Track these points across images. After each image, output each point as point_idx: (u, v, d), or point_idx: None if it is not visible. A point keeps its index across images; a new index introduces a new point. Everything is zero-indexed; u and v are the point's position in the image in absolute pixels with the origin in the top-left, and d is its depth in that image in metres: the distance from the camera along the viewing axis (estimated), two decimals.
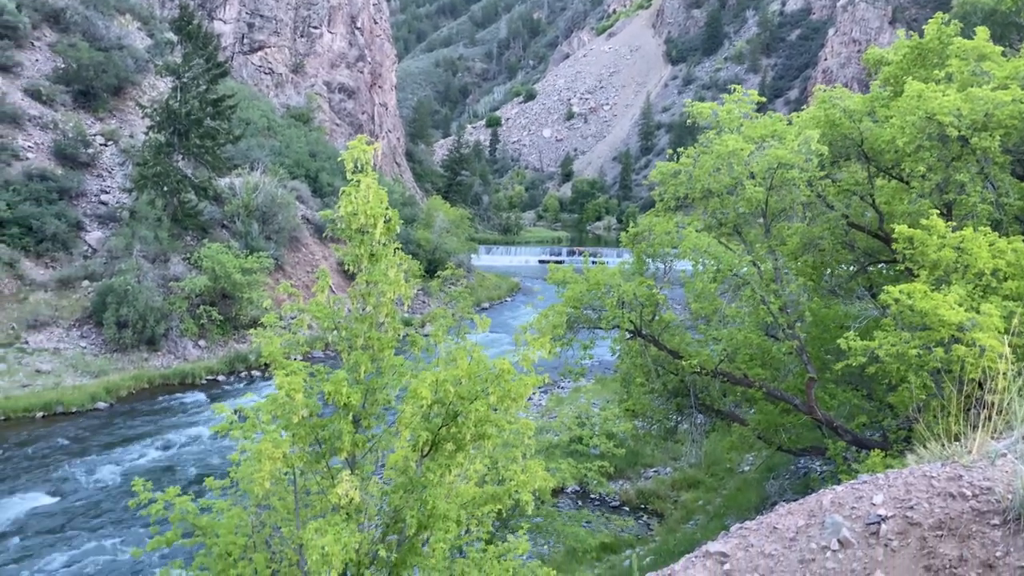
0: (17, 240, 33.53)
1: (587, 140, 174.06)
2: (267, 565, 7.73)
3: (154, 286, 33.34)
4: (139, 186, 36.24)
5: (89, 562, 15.71)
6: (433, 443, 7.20)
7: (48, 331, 31.54)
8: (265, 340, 7.39)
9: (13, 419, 25.20)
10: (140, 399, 28.52)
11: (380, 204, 6.96)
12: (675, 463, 20.52)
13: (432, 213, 57.04)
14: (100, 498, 19.14)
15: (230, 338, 35.03)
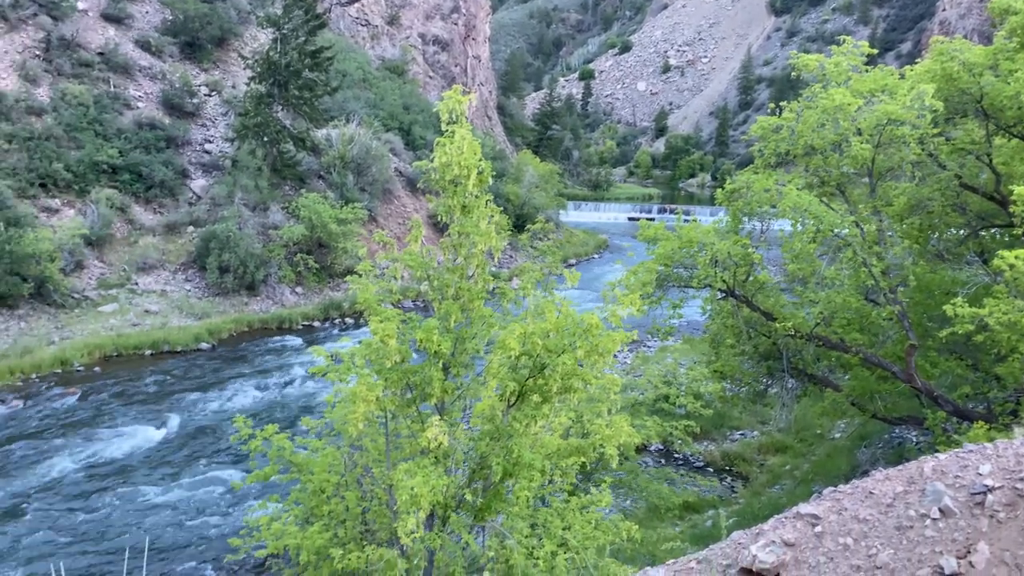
0: (128, 186, 35.28)
1: (683, 94, 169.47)
2: (358, 503, 8.05)
3: (254, 233, 34.61)
4: (240, 136, 37.47)
5: (193, 492, 16.72)
6: (520, 394, 7.28)
7: (156, 274, 33.24)
8: (361, 287, 7.59)
9: (124, 356, 26.84)
10: (240, 341, 29.85)
11: (474, 155, 6.98)
12: (763, 427, 20.18)
13: (522, 167, 56.90)
14: (203, 432, 20.27)
15: (325, 286, 36.14)
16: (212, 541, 14.53)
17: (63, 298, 28.96)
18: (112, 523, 15.36)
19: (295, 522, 8.31)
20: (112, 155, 34.97)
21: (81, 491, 16.76)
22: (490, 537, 7.42)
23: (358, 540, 7.90)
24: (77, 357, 25.65)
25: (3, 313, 27.04)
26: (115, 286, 31.39)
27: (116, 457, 18.55)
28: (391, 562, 6.78)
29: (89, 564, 13.67)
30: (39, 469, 17.65)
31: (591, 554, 7.06)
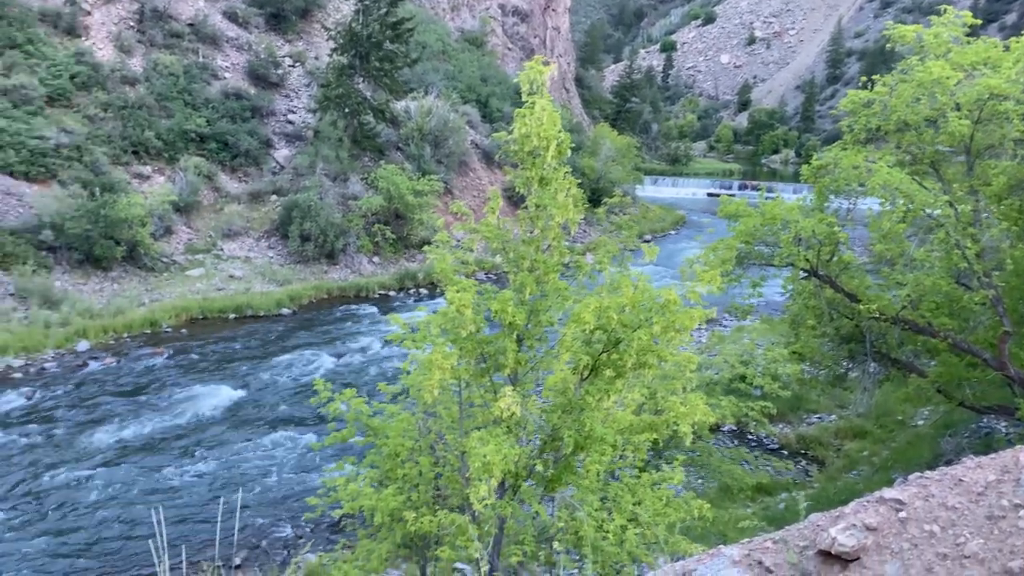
0: (215, 155, 36.42)
1: (768, 67, 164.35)
2: (431, 468, 8.21)
3: (334, 203, 35.34)
4: (322, 107, 38.17)
5: (274, 451, 17.35)
6: (593, 368, 7.26)
7: (240, 240, 34.33)
8: (438, 257, 7.68)
9: (210, 319, 27.90)
10: (319, 308, 30.65)
11: (553, 126, 6.93)
12: (841, 411, 19.65)
13: (598, 141, 56.29)
14: (284, 394, 20.96)
15: (401, 256, 36.70)
16: (291, 499, 15.06)
17: (153, 262, 30.22)
18: (198, 477, 16.08)
19: (370, 484, 8.54)
20: (200, 124, 36.13)
21: (169, 445, 17.58)
22: (560, 508, 7.47)
23: (430, 504, 8.07)
24: (165, 319, 26.80)
25: (98, 275, 28.40)
26: (202, 251, 32.57)
27: (201, 415, 19.38)
28: (462, 527, 6.90)
29: (177, 514, 14.36)
30: (130, 423, 18.59)
31: (661, 530, 7.04)
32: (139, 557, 13.17)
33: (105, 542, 13.69)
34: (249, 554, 13.30)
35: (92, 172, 30.50)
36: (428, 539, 8.30)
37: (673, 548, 7.00)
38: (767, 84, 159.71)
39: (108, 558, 13.23)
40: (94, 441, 17.55)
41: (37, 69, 32.81)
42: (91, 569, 12.93)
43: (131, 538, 13.80)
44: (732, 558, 4.01)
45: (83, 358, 23.13)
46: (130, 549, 13.48)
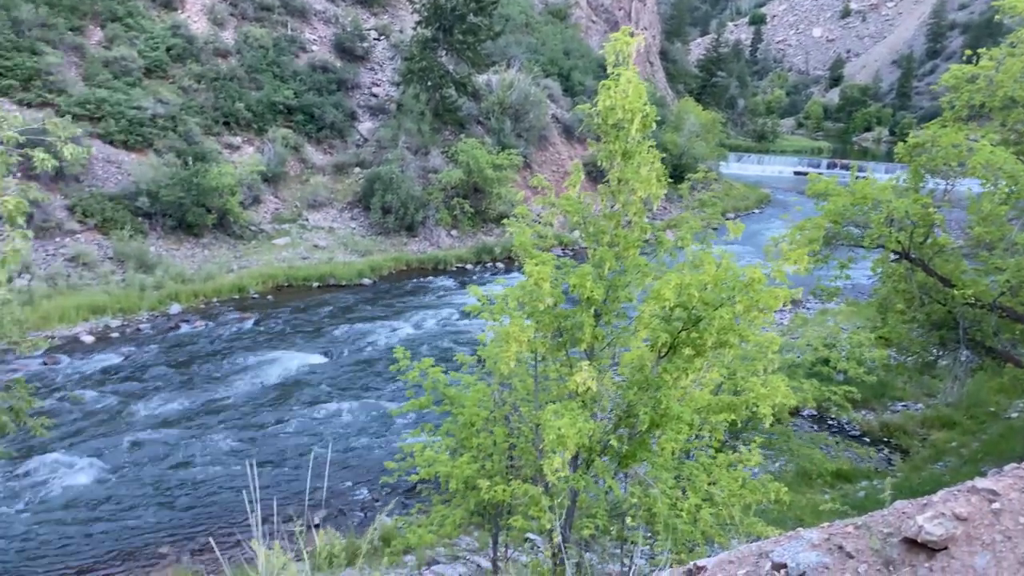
0: (301, 127, 37.27)
1: (863, 41, 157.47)
2: (505, 439, 8.30)
3: (415, 176, 35.77)
4: (406, 80, 38.53)
5: (353, 416, 17.84)
6: (672, 346, 7.18)
7: (324, 211, 35.13)
8: (517, 231, 7.69)
9: (294, 287, 28.75)
10: (398, 279, 31.19)
11: (639, 99, 6.82)
12: (929, 400, 18.91)
13: (682, 116, 55.18)
14: (364, 361, 21.48)
15: (479, 230, 36.94)
16: (368, 463, 15.48)
17: (241, 230, 31.26)
18: (281, 437, 16.68)
19: (445, 451, 8.70)
20: (288, 96, 36.99)
21: (254, 407, 18.28)
22: (633, 484, 7.45)
23: (504, 474, 8.16)
24: (252, 285, 27.75)
25: (190, 241, 29.57)
26: (288, 221, 33.49)
27: (285, 379, 20.06)
28: (535, 498, 6.97)
29: (260, 472, 14.94)
30: (218, 385, 19.39)
31: (736, 511, 6.95)
32: (224, 510, 13.80)
33: (195, 494, 14.38)
34: (327, 514, 13.76)
35: (185, 142, 31.67)
36: (501, 508, 8.42)
37: (748, 529, 6.92)
38: (861, 59, 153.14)
39: (199, 509, 13.90)
40: (184, 400, 18.40)
41: (136, 42, 34.13)
42: (184, 518, 13.61)
43: (218, 492, 14.45)
44: (811, 541, 3.94)
45: (175, 320, 24.19)
46: (217, 502, 14.13)
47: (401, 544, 8.83)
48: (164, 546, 12.83)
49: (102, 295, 24.14)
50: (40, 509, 13.57)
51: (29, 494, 13.93)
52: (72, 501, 13.89)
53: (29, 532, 12.88)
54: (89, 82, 31.32)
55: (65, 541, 12.77)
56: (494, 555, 9.13)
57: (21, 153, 6.30)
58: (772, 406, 7.02)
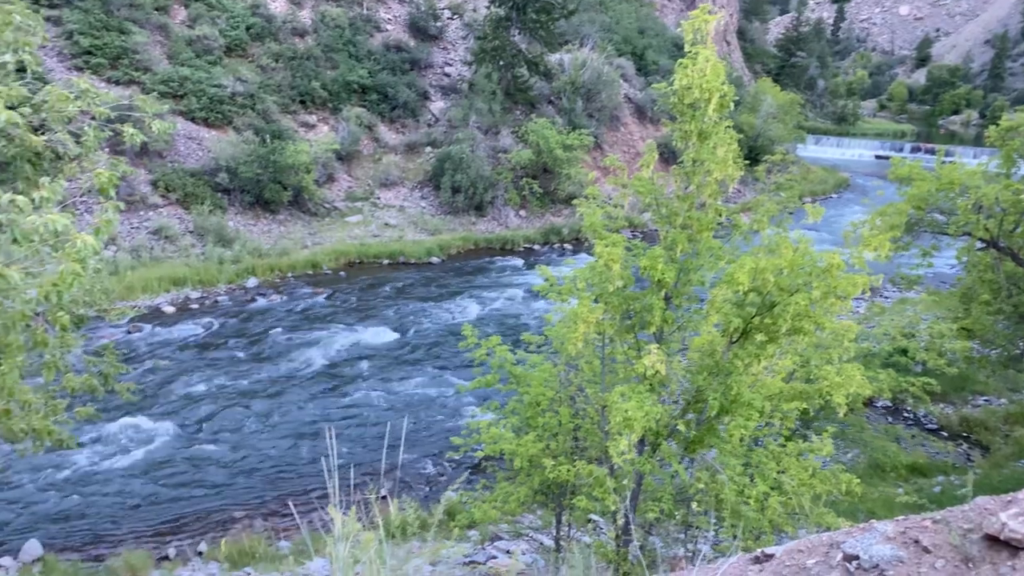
0: (375, 106, 37.70)
1: (954, 19, 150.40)
2: (571, 419, 8.31)
3: (485, 156, 35.84)
4: (478, 59, 38.54)
5: (420, 391, 18.12)
6: (744, 331, 7.06)
7: (396, 190, 35.56)
8: (587, 211, 7.64)
9: (365, 263, 29.25)
10: (466, 258, 31.41)
11: (716, 78, 6.67)
12: (1013, 395, 18.13)
13: (759, 96, 53.77)
14: (432, 338, 21.77)
15: (547, 210, 36.85)
16: (434, 438, 15.72)
17: (316, 207, 31.91)
18: (350, 409, 17.07)
19: (511, 430, 8.77)
20: (362, 75, 37.44)
21: (325, 380, 18.74)
22: (700, 469, 7.38)
23: (568, 454, 8.19)
24: (325, 261, 28.35)
25: (266, 217, 30.34)
26: (360, 199, 34.04)
27: (356, 353, 20.49)
28: (600, 479, 6.97)
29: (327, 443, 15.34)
30: (292, 357, 19.93)
31: (806, 500, 6.82)
32: (295, 477, 14.23)
33: (267, 462, 14.86)
34: (392, 486, 14.05)
35: (263, 119, 32.42)
36: (565, 488, 8.45)
37: (818, 520, 6.78)
38: (951, 38, 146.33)
39: (271, 476, 14.37)
40: (259, 370, 18.98)
41: (218, 21, 35.01)
42: (256, 484, 14.09)
43: (290, 460, 14.90)
44: (885, 534, 3.83)
45: (251, 294, 24.92)
46: (288, 470, 14.58)
47: (466, 519, 8.95)
48: (238, 510, 13.31)
49: (183, 267, 25.03)
50: (121, 471, 14.22)
51: (112, 456, 14.62)
52: (151, 464, 14.52)
53: (110, 492, 13.53)
54: (173, 60, 32.31)
55: (143, 501, 13.37)
56: (557, 534, 9.19)
57: (112, 128, 6.56)
58: (846, 395, 6.85)
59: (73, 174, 5.84)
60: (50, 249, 3.93)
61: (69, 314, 5.14)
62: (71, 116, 6.27)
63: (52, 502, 13.08)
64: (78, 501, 13.18)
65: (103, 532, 12.51)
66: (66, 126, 6.42)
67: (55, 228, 3.80)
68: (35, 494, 13.25)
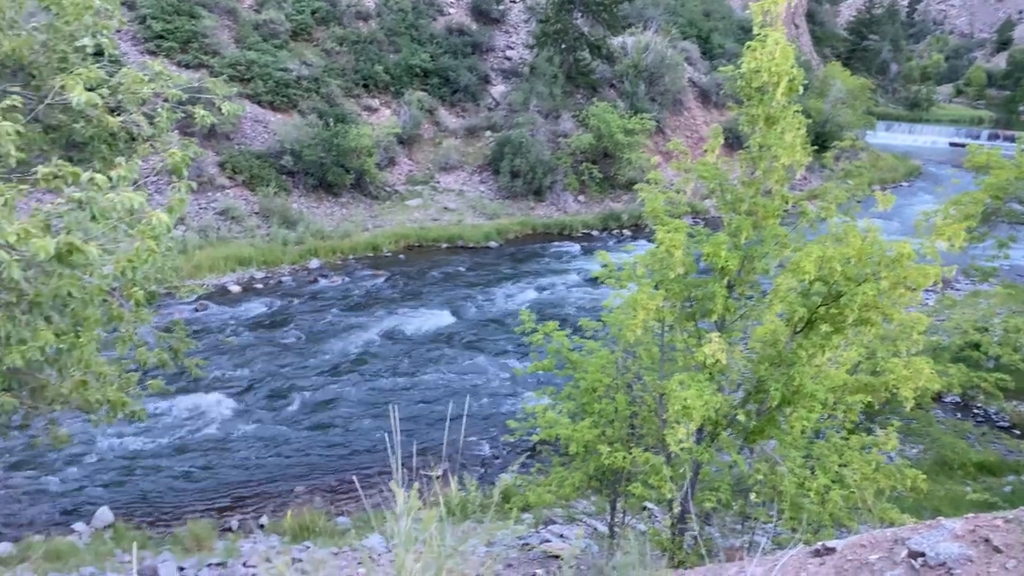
0: (436, 90, 37.86)
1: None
2: (627, 406, 8.26)
3: (544, 140, 35.71)
4: (540, 43, 38.34)
5: (476, 374, 18.26)
6: (808, 321, 6.91)
7: (455, 174, 35.73)
8: (649, 196, 7.55)
9: (424, 247, 29.52)
10: (524, 243, 31.42)
11: (786, 61, 6.51)
12: None
13: (828, 81, 52.27)
14: (489, 322, 21.89)
15: (606, 196, 36.57)
16: (489, 420, 15.83)
17: (377, 190, 32.29)
18: (407, 390, 17.30)
19: (567, 415, 8.76)
20: (424, 59, 37.62)
21: (383, 360, 19.03)
22: (759, 460, 7.27)
23: (624, 441, 8.15)
24: (386, 244, 28.70)
25: (329, 200, 30.83)
26: (420, 183, 34.31)
27: (413, 335, 20.74)
28: (656, 467, 6.92)
29: (386, 423, 15.58)
30: (352, 337, 20.28)
31: (869, 495, 6.66)
32: (355, 455, 14.51)
33: (327, 439, 15.19)
34: (450, 467, 14.21)
35: (327, 103, 32.87)
36: (620, 474, 8.42)
37: (881, 515, 6.63)
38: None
39: (331, 453, 14.69)
40: (320, 349, 19.37)
41: (284, 5, 35.56)
42: (316, 461, 14.42)
43: (350, 438, 15.20)
44: (954, 532, 3.73)
45: (314, 275, 25.40)
46: (348, 448, 14.88)
47: (520, 501, 9.00)
48: (298, 485, 13.64)
49: (248, 248, 25.63)
50: (187, 444, 14.70)
51: (179, 429, 15.12)
52: (216, 438, 14.98)
53: (176, 464, 14.00)
54: (240, 44, 32.97)
55: (207, 474, 13.81)
56: (611, 520, 9.17)
57: (183, 110, 6.73)
58: (914, 389, 6.65)
59: (146, 154, 6.02)
60: (126, 227, 4.06)
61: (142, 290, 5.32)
62: (145, 98, 6.46)
63: (122, 472, 13.61)
64: (146, 472, 13.68)
65: (169, 502, 12.97)
66: (140, 107, 6.60)
67: (131, 206, 3.93)
68: (106, 464, 13.80)
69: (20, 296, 4.20)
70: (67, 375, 5.54)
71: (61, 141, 7.23)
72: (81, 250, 3.76)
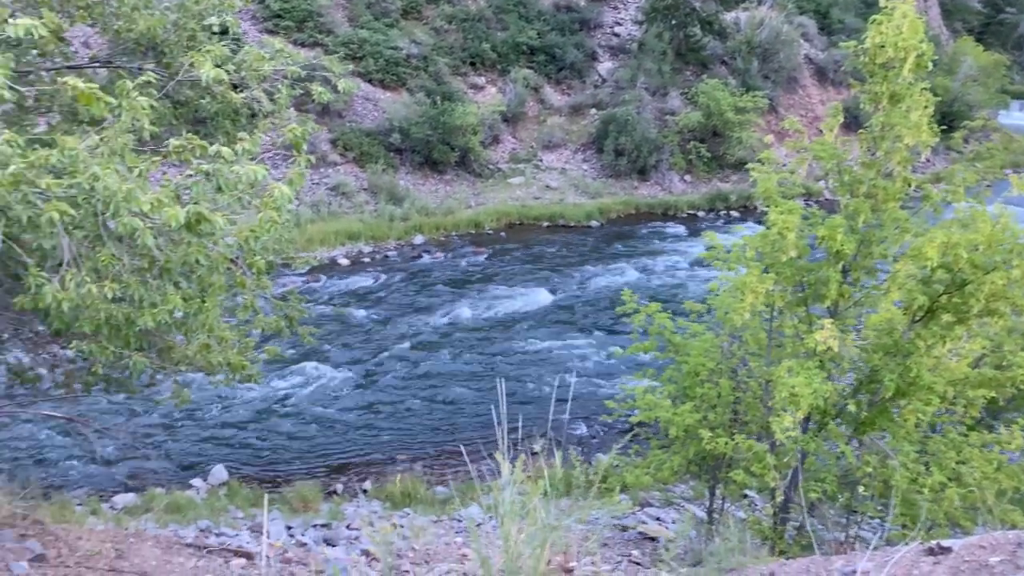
0: (542, 67, 37.70)
1: None
2: (731, 391, 8.11)
3: (651, 118, 35.08)
4: (649, 19, 37.59)
5: (575, 352, 18.29)
6: (929, 310, 6.59)
7: (558, 152, 35.60)
8: (762, 176, 7.33)
9: (525, 225, 29.62)
10: (626, 223, 31.06)
11: (914, 36, 6.17)
12: None
13: (958, 57, 49.09)
14: (588, 301, 21.85)
15: (714, 176, 35.67)
16: (587, 400, 15.81)
17: (480, 168, 32.56)
18: (506, 367, 17.50)
19: (667, 398, 8.67)
20: (531, 37, 37.50)
21: (484, 336, 19.33)
22: (869, 453, 7.01)
23: (726, 427, 8.01)
24: (487, 222, 28.97)
25: (434, 177, 31.33)
26: (523, 161, 34.37)
27: (514, 311, 20.95)
28: (760, 454, 6.78)
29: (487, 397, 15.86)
30: (453, 312, 20.66)
31: (989, 496, 6.33)
32: (455, 427, 14.84)
33: (429, 410, 15.60)
34: (546, 445, 14.32)
35: (435, 81, 33.30)
36: (720, 461, 8.28)
37: (1002, 517, 6.28)
38: None
39: (432, 423, 15.09)
40: (423, 323, 19.84)
41: None
42: (417, 431, 14.84)
43: (451, 410, 15.54)
44: None
45: (418, 250, 25.95)
46: (450, 419, 15.23)
47: (616, 482, 8.98)
48: (400, 453, 14.07)
49: (357, 223, 26.40)
50: (297, 408, 15.37)
51: (290, 394, 15.81)
52: (323, 404, 15.59)
53: (286, 427, 14.66)
54: (353, 23, 33.75)
55: (315, 438, 14.41)
56: (710, 506, 9.05)
57: (301, 87, 6.98)
58: None
59: (266, 130, 6.27)
60: (248, 198, 4.26)
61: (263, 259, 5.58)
62: (266, 75, 6.72)
63: (236, 433, 14.37)
64: (258, 433, 14.39)
65: (279, 464, 13.63)
66: (261, 84, 6.88)
67: (254, 178, 4.12)
68: (222, 425, 14.60)
69: (152, 262, 4.48)
70: (193, 338, 5.89)
71: (188, 116, 7.62)
72: (208, 219, 3.98)
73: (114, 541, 6.09)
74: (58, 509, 8.69)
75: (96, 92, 4.02)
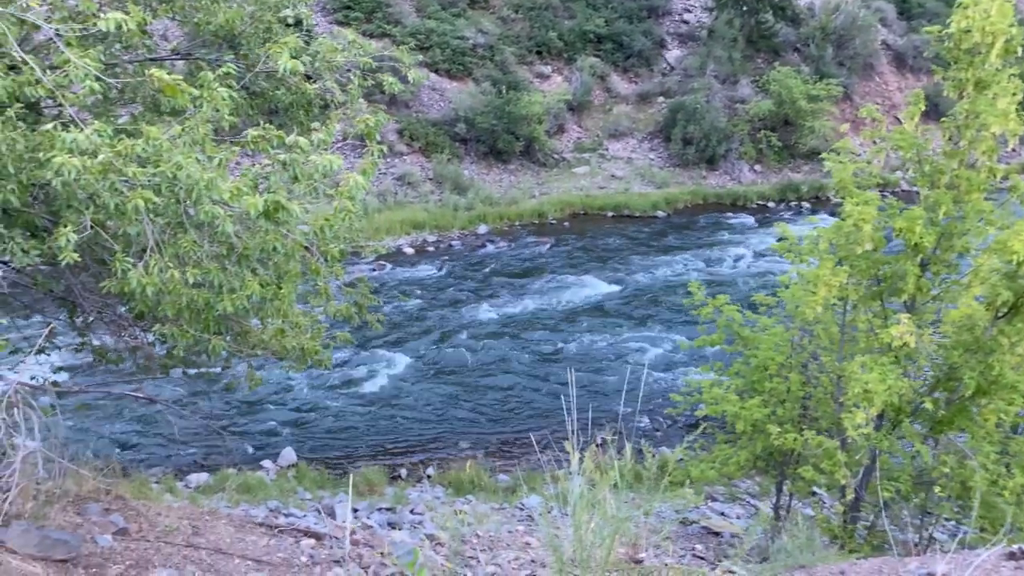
0: (609, 55, 37.35)
1: None
2: (800, 386, 7.94)
3: (720, 107, 34.44)
4: (720, 5, 36.86)
5: (639, 344, 18.16)
6: (1013, 306, 6.33)
7: (624, 141, 35.26)
8: (837, 166, 7.13)
9: (589, 215, 29.46)
10: (693, 213, 30.59)
11: (1003, 20, 5.91)
12: None
13: None
14: (652, 293, 21.63)
15: (785, 165, 34.85)
16: (649, 391, 15.71)
17: (545, 157, 32.48)
18: (571, 359, 17.50)
19: (734, 392, 8.54)
20: (599, 25, 37.17)
21: (548, 326, 19.33)
22: (945, 453, 6.79)
23: (795, 422, 7.86)
24: (551, 211, 28.91)
25: (498, 167, 31.40)
26: (588, 150, 34.15)
27: (577, 301, 20.90)
28: (830, 451, 6.64)
29: (553, 387, 15.88)
30: (516, 303, 20.73)
31: None
32: (520, 417, 14.92)
33: (494, 399, 15.71)
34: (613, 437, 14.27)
35: (500, 71, 33.32)
36: (789, 456, 8.14)
37: None
38: None
39: (497, 412, 15.19)
40: (487, 313, 19.96)
41: None
42: (481, 419, 14.97)
43: (516, 399, 15.63)
44: None
45: (482, 240, 26.09)
46: (514, 409, 15.32)
47: (680, 476, 8.90)
48: (463, 441, 14.22)
49: (422, 212, 26.68)
50: (365, 394, 15.67)
51: (355, 380, 16.13)
52: (390, 390, 15.85)
53: (354, 412, 14.97)
54: (420, 14, 34.01)
55: (381, 423, 14.68)
56: (776, 502, 8.91)
57: (372, 78, 7.08)
58: None
59: (338, 120, 6.39)
60: (323, 187, 4.37)
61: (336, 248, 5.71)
62: (338, 66, 6.84)
63: (305, 416, 14.73)
64: (327, 417, 14.73)
65: (346, 447, 13.93)
66: (333, 75, 7.01)
67: (329, 168, 4.22)
68: (292, 408, 14.99)
69: (231, 249, 4.62)
70: (268, 323, 6.07)
71: (263, 107, 7.81)
72: (285, 208, 4.09)
73: (190, 518, 6.33)
74: (137, 486, 9.06)
75: (180, 83, 4.17)
